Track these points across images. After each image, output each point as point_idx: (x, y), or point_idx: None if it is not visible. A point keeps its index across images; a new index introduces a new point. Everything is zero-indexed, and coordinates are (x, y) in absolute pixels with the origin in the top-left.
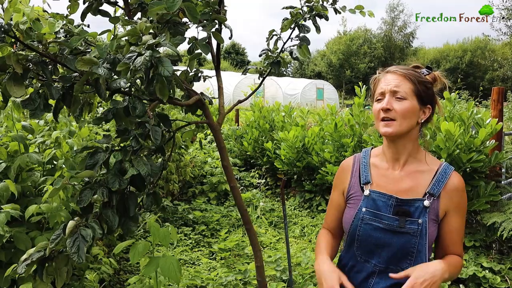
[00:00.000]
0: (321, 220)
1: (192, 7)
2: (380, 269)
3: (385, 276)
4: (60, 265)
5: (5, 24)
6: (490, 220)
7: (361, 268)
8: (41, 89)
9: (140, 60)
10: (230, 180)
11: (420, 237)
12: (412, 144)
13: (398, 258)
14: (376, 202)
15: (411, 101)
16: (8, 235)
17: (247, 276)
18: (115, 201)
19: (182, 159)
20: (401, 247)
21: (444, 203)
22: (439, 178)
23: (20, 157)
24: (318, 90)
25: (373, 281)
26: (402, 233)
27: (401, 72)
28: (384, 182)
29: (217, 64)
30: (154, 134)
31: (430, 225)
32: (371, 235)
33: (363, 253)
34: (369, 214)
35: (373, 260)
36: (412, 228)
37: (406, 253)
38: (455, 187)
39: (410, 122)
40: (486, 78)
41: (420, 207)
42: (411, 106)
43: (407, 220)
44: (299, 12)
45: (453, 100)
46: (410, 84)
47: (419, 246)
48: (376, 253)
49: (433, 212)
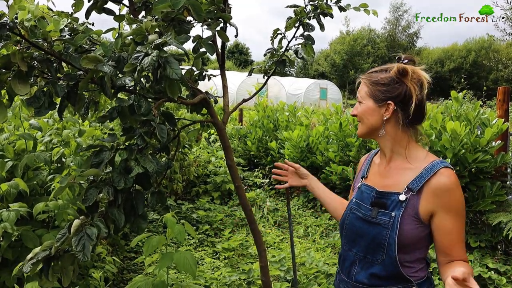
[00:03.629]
0: (325, 220)
1: (197, 5)
2: (359, 258)
3: (365, 265)
4: (66, 264)
5: (10, 22)
6: (495, 220)
7: (346, 257)
8: (46, 87)
9: (147, 61)
10: (235, 179)
11: (391, 230)
12: (391, 142)
13: (373, 248)
14: (363, 193)
15: (366, 103)
16: (16, 234)
17: (251, 276)
18: (121, 199)
19: (186, 158)
20: (373, 237)
21: (427, 201)
22: (422, 174)
23: (28, 156)
24: (321, 90)
25: (355, 269)
26: (374, 223)
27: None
28: (374, 176)
29: (222, 63)
30: (160, 132)
31: (408, 221)
32: (354, 224)
33: (347, 242)
34: (355, 204)
35: (354, 249)
36: (383, 220)
37: (378, 244)
38: (440, 184)
39: (371, 121)
40: (490, 79)
41: (395, 200)
42: (365, 107)
43: (379, 212)
44: (303, 10)
45: (460, 99)
46: (365, 87)
47: (390, 239)
48: (357, 242)
49: (412, 208)
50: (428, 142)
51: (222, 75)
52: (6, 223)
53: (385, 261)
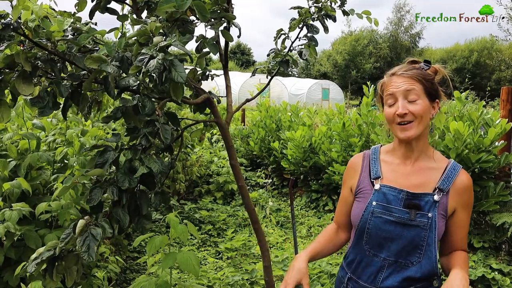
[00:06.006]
0: (328, 220)
1: (202, 6)
2: (389, 263)
3: (396, 269)
4: (70, 264)
5: (14, 22)
6: (499, 221)
7: (370, 262)
8: (50, 87)
9: (153, 64)
10: (238, 179)
11: (430, 231)
12: (423, 141)
13: (407, 251)
14: (386, 195)
15: (423, 101)
16: (18, 233)
17: (254, 276)
18: (125, 200)
19: (188, 159)
20: (411, 239)
21: (453, 199)
22: (448, 174)
23: (31, 156)
24: (323, 90)
25: (383, 275)
26: (412, 226)
27: (408, 74)
28: (394, 177)
29: (225, 63)
30: (164, 133)
31: (439, 219)
32: (381, 228)
33: (372, 247)
34: (380, 208)
35: (382, 254)
36: (422, 221)
37: (416, 246)
38: (464, 184)
39: (426, 121)
40: (493, 79)
41: (430, 201)
42: (425, 106)
43: (417, 213)
44: (308, 11)
45: (463, 99)
46: (419, 84)
47: (429, 239)
48: (386, 247)
49: (442, 207)
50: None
51: (226, 75)
52: (8, 223)
53: (421, 263)
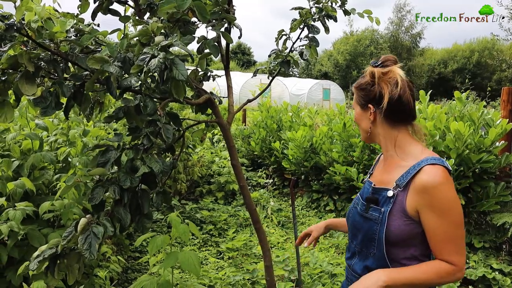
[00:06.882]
0: None
1: (202, 6)
2: (357, 250)
3: (362, 257)
4: (71, 262)
5: (17, 23)
6: (500, 221)
7: (349, 248)
8: (53, 87)
9: (154, 63)
10: (240, 179)
11: (381, 225)
12: (383, 141)
13: (365, 242)
14: (364, 189)
15: (356, 109)
16: (22, 233)
17: (255, 275)
18: (127, 199)
19: (189, 159)
20: (366, 231)
21: (411, 198)
22: (409, 170)
23: (34, 156)
24: (324, 91)
25: (354, 261)
26: (367, 218)
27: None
28: (375, 173)
29: (227, 64)
30: (166, 132)
31: (396, 217)
32: (354, 218)
33: (350, 234)
34: (356, 199)
35: (354, 242)
36: (374, 215)
37: (370, 238)
38: (422, 183)
39: (363, 125)
40: (494, 79)
41: (385, 196)
42: (356, 113)
43: (371, 207)
44: (309, 12)
45: (464, 100)
46: (356, 93)
47: (379, 233)
48: (356, 236)
49: (400, 204)
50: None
51: (227, 75)
52: (12, 222)
53: (376, 255)
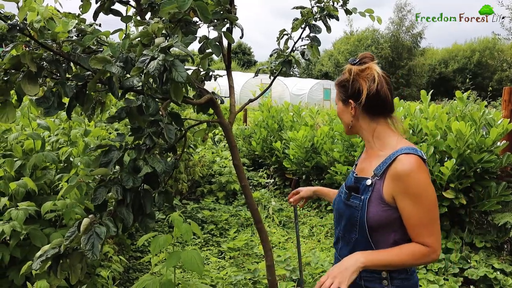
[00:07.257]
0: (330, 220)
1: (204, 7)
2: (341, 236)
3: (345, 242)
4: (74, 262)
5: (20, 23)
6: (501, 221)
7: (335, 233)
8: (55, 87)
9: (153, 65)
10: (241, 179)
11: (361, 212)
12: (364, 133)
13: (348, 228)
14: (348, 178)
15: (338, 104)
16: (24, 232)
17: (257, 275)
18: (130, 199)
19: (191, 159)
20: (348, 218)
21: (388, 186)
22: (385, 160)
23: (36, 156)
24: (325, 91)
25: (340, 245)
26: (349, 206)
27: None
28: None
29: (228, 63)
30: (168, 133)
31: (374, 204)
32: (338, 206)
33: (335, 220)
34: (342, 188)
35: (338, 228)
36: (355, 203)
37: (352, 224)
38: (396, 171)
39: (345, 120)
40: (495, 79)
41: (364, 184)
42: (338, 109)
43: (352, 195)
44: (310, 12)
45: (465, 100)
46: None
47: (360, 220)
48: (339, 222)
49: (377, 192)
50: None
51: (229, 75)
52: (15, 222)
53: (358, 240)
